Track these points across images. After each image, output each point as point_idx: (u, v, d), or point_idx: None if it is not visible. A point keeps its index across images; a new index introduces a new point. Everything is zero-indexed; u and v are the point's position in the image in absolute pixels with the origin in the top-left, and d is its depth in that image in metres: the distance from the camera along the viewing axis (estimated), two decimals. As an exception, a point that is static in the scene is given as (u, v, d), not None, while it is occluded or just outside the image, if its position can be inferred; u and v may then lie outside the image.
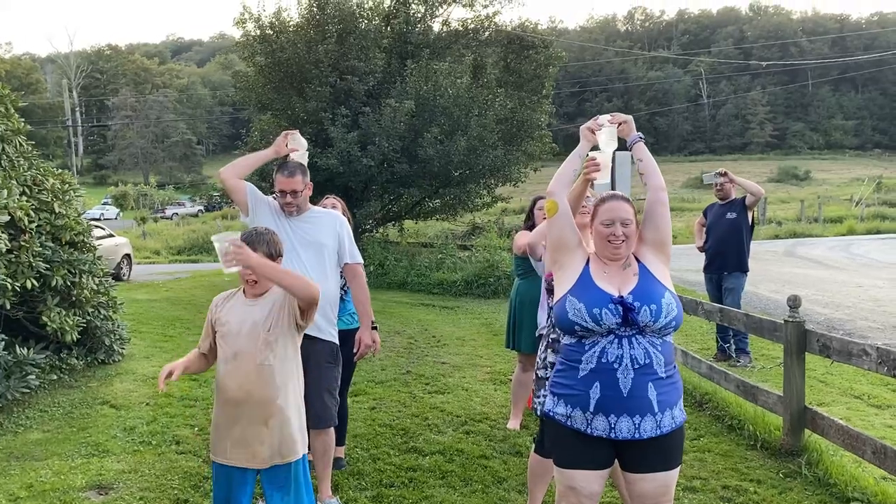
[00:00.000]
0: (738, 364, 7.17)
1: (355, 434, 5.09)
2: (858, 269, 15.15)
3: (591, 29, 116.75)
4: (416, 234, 22.00)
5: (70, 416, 5.56)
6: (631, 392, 2.53)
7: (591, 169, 3.12)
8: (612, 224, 2.66)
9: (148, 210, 51.44)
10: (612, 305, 2.56)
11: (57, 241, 6.46)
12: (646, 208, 2.79)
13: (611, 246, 2.65)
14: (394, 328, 9.75)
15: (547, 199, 2.85)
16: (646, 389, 2.53)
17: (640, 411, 2.52)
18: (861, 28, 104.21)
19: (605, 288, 2.62)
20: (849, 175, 70.60)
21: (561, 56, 19.33)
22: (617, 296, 2.58)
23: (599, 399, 2.54)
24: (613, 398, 2.53)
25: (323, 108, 15.05)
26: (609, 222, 2.67)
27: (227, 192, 3.98)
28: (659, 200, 2.76)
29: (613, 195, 2.76)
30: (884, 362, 3.86)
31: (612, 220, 2.67)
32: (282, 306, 2.99)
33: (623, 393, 2.53)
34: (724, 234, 7.42)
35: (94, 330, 6.93)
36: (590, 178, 3.17)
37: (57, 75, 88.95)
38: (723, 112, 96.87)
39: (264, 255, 2.93)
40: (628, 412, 2.53)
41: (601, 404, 2.55)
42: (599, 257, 2.73)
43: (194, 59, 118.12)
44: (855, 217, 29.88)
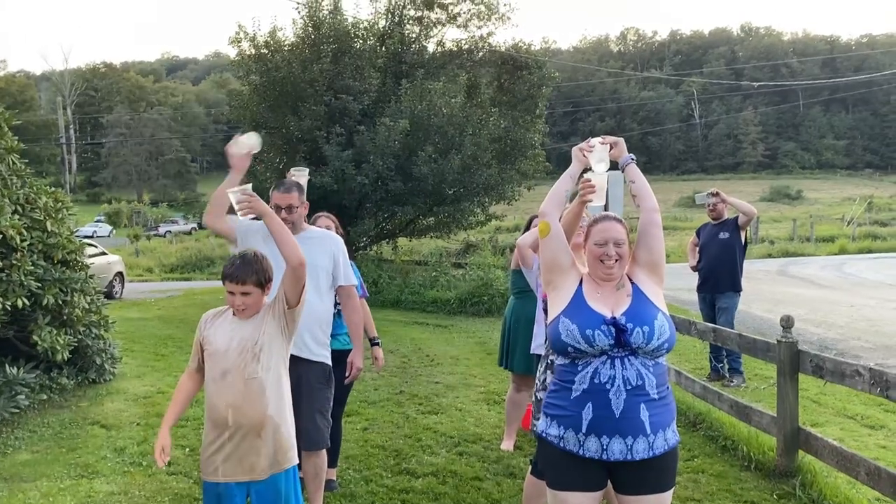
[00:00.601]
0: (732, 384, 7.16)
1: (347, 455, 5.05)
2: (851, 289, 15.20)
3: (583, 49, 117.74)
4: (411, 251, 22.02)
5: (59, 436, 5.50)
6: (623, 413, 2.51)
7: (587, 192, 3.06)
8: (604, 244, 2.66)
9: (141, 228, 51.32)
10: (605, 327, 2.55)
11: (49, 260, 6.43)
12: (639, 229, 2.80)
13: (604, 266, 2.65)
14: (387, 347, 9.69)
15: (539, 220, 2.84)
16: (638, 410, 2.52)
17: (633, 432, 2.51)
18: (851, 49, 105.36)
19: (598, 309, 2.61)
20: (840, 194, 71.05)
21: (554, 76, 19.47)
22: (610, 317, 2.57)
23: (592, 420, 2.53)
24: (605, 419, 2.52)
25: (318, 127, 15.10)
26: (602, 242, 2.67)
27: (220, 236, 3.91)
28: (652, 222, 2.77)
29: (606, 216, 2.76)
30: (877, 383, 3.86)
31: (604, 240, 2.67)
32: (265, 315, 2.98)
33: (615, 414, 2.51)
34: (718, 253, 7.44)
35: (85, 349, 6.88)
36: (585, 200, 3.10)
37: (51, 93, 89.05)
38: (715, 132, 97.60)
39: (253, 283, 2.90)
40: (620, 433, 2.51)
41: (593, 425, 2.53)
42: (593, 278, 2.73)
43: (189, 78, 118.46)
44: (847, 236, 30.03)
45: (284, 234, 3.01)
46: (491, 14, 18.17)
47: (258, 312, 3.00)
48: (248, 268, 2.91)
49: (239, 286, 2.90)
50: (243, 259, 2.94)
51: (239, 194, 3.12)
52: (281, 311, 2.99)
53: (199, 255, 29.17)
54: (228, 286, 2.93)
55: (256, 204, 3.08)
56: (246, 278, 2.89)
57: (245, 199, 3.09)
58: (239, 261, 2.93)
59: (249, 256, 2.96)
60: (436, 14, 18.25)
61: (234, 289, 2.91)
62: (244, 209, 3.11)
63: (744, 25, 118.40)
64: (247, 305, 2.94)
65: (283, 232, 3.02)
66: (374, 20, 17.72)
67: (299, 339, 3.65)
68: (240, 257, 2.96)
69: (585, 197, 3.07)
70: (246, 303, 2.93)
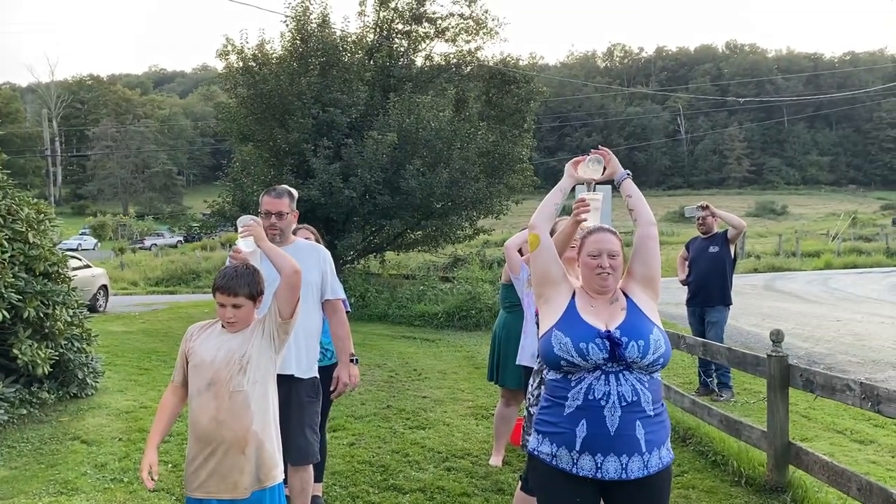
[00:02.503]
0: (721, 398, 7.14)
1: (334, 471, 4.97)
2: (837, 304, 15.28)
3: (571, 65, 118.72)
4: (398, 265, 21.96)
5: (39, 452, 5.39)
6: (618, 430, 2.46)
7: (581, 210, 2.95)
8: (598, 255, 2.62)
9: (126, 241, 51.02)
10: (599, 340, 2.49)
11: (30, 272, 6.33)
12: (635, 243, 2.76)
13: (598, 278, 2.60)
14: (374, 361, 9.63)
15: (529, 233, 2.80)
16: (633, 428, 2.47)
17: (628, 450, 2.46)
18: (834, 67, 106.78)
19: (591, 322, 2.56)
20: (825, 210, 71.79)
21: (542, 91, 19.56)
22: (604, 330, 2.52)
23: (586, 437, 2.47)
24: (600, 436, 2.46)
25: (305, 140, 15.06)
26: (596, 253, 2.63)
27: None
28: (649, 235, 2.74)
29: (600, 227, 2.73)
30: (868, 398, 3.84)
31: (598, 251, 2.63)
32: (254, 329, 2.93)
33: (610, 431, 2.45)
34: (707, 267, 7.43)
35: (66, 363, 6.76)
36: (580, 220, 2.97)
37: (37, 105, 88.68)
38: (701, 147, 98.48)
39: (245, 296, 2.87)
40: (615, 451, 2.45)
41: (587, 443, 2.47)
42: (586, 291, 2.68)
43: (176, 91, 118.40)
44: (832, 251, 30.26)
45: (275, 250, 3.05)
46: (479, 29, 18.26)
47: (247, 326, 2.95)
48: (241, 280, 2.88)
49: (231, 298, 2.86)
50: (236, 271, 2.91)
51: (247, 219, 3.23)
52: (273, 325, 2.94)
53: (185, 268, 28.97)
54: (220, 298, 2.88)
55: (257, 230, 3.15)
56: (238, 290, 2.85)
57: (250, 224, 3.17)
58: (231, 273, 2.90)
59: (242, 269, 2.93)
60: (424, 28, 18.32)
61: (226, 301, 2.86)
62: (245, 234, 3.18)
63: (729, 42, 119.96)
64: (237, 318, 2.89)
65: (274, 249, 3.06)
66: (362, 34, 17.77)
67: (288, 354, 3.59)
68: (232, 269, 2.93)
69: (580, 216, 2.97)
70: (237, 315, 2.88)
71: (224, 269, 2.96)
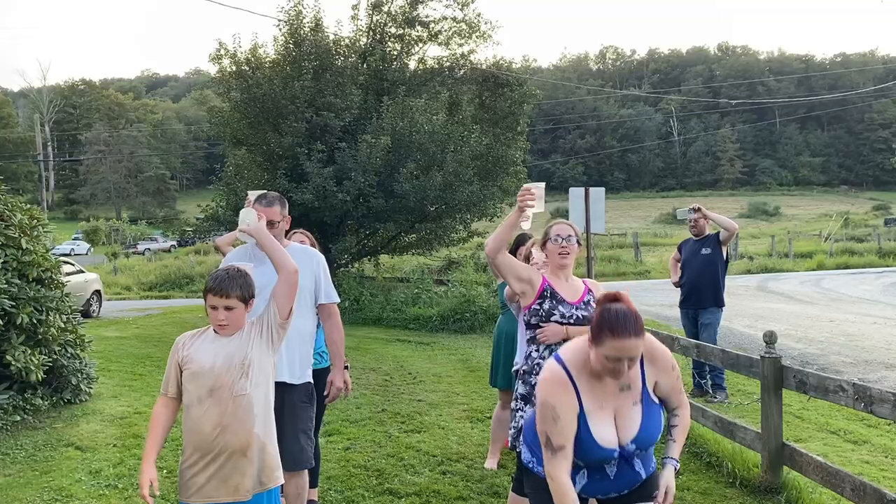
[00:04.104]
0: (715, 400, 7.16)
1: (329, 476, 4.96)
2: (829, 304, 15.34)
3: (563, 68, 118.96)
4: (392, 268, 21.93)
5: (33, 458, 5.37)
6: (618, 474, 2.49)
7: (527, 198, 3.35)
8: (618, 360, 2.33)
9: (119, 245, 50.86)
10: (613, 459, 2.45)
11: (23, 278, 6.31)
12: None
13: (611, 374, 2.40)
14: (369, 365, 9.63)
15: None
16: (633, 466, 2.50)
17: (629, 485, 2.51)
18: (825, 68, 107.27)
19: (605, 442, 2.41)
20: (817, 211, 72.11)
21: (535, 94, 19.60)
22: (618, 450, 2.43)
23: (586, 484, 2.50)
24: (600, 482, 2.49)
25: (298, 144, 15.05)
26: (615, 358, 2.33)
27: None
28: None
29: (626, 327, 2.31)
30: (861, 398, 3.86)
31: (619, 357, 2.33)
32: (250, 331, 2.91)
33: (610, 477, 2.48)
34: (700, 269, 7.45)
35: (60, 369, 6.74)
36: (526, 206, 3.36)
37: (29, 110, 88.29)
38: (693, 149, 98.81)
39: (238, 298, 2.84)
40: (617, 489, 2.51)
41: (588, 488, 2.50)
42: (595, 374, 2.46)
43: (169, 95, 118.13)
44: (824, 252, 30.41)
45: (275, 245, 3.06)
46: (472, 32, 18.29)
47: (241, 329, 2.92)
48: (233, 282, 2.84)
49: (223, 300, 2.82)
50: (227, 273, 2.87)
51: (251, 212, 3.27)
52: (269, 325, 2.93)
53: (179, 272, 28.90)
54: (211, 300, 2.84)
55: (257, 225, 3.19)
56: (230, 291, 2.82)
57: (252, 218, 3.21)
58: (223, 274, 2.87)
59: (234, 271, 2.89)
60: (417, 32, 18.34)
61: (218, 302, 2.83)
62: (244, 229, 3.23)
63: (721, 44, 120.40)
64: (230, 321, 2.85)
65: (274, 244, 3.07)
66: (355, 37, 17.77)
67: (281, 359, 3.59)
68: (224, 271, 2.89)
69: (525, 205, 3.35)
70: (229, 318, 2.85)
71: (215, 271, 2.93)
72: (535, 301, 3.49)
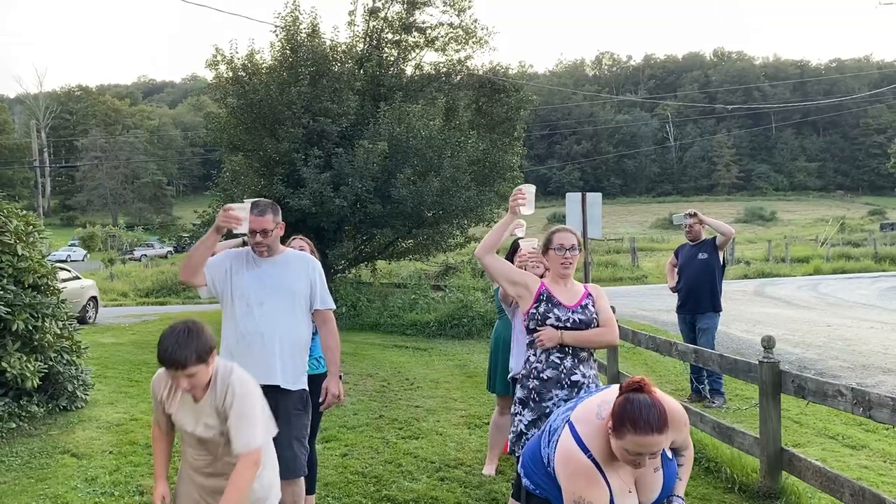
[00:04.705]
0: (713, 405, 7.15)
1: (326, 482, 4.94)
2: (826, 309, 15.35)
3: (559, 73, 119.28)
4: (389, 274, 21.94)
5: (28, 466, 5.34)
6: None
7: (519, 198, 3.55)
8: (638, 455, 2.25)
9: (116, 251, 50.75)
10: None
11: (19, 285, 6.29)
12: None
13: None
14: (366, 371, 9.60)
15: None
16: None
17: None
18: (821, 73, 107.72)
19: None
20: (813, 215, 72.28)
21: (531, 99, 19.62)
22: None
23: None
24: None
25: (295, 149, 15.04)
26: (636, 453, 2.24)
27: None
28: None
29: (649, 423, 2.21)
30: (859, 403, 3.85)
31: (639, 452, 2.24)
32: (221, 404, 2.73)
33: None
34: (697, 274, 7.45)
35: (56, 375, 6.72)
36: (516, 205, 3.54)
37: (25, 116, 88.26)
38: (689, 154, 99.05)
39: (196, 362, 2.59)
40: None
41: None
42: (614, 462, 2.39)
43: (166, 101, 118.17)
44: (821, 257, 30.46)
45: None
46: (468, 38, 18.31)
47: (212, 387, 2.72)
48: (187, 348, 2.57)
49: (181, 371, 2.59)
50: (177, 339, 2.58)
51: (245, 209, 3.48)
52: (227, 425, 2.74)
53: (175, 279, 28.78)
54: (169, 372, 2.63)
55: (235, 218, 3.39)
56: (187, 361, 2.57)
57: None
58: (172, 342, 2.58)
59: (180, 331, 2.61)
60: (413, 38, 18.36)
61: (177, 374, 2.61)
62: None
63: (716, 50, 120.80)
64: (194, 386, 2.66)
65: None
66: (352, 43, 17.78)
67: (278, 370, 3.58)
68: (172, 337, 2.59)
69: (516, 206, 3.54)
70: (193, 383, 2.65)
71: (162, 336, 2.63)
72: (532, 305, 3.50)
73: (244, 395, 2.73)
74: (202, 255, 3.61)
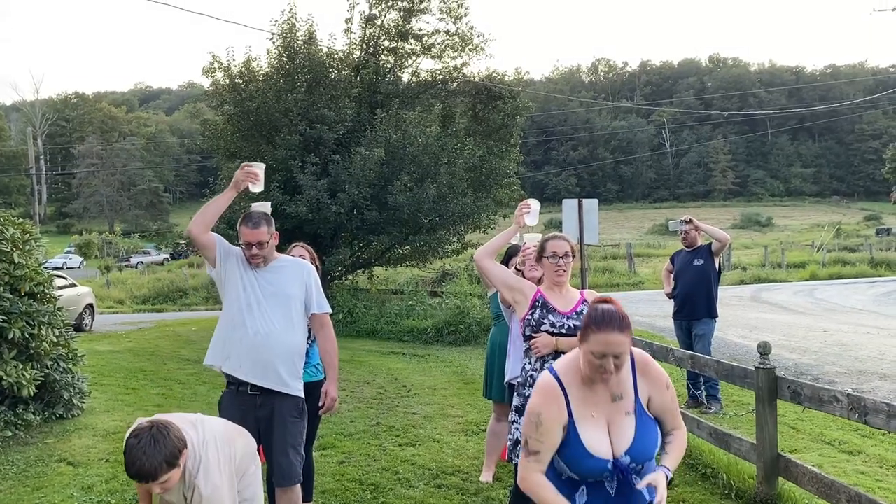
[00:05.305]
0: (710, 411, 7.16)
1: (323, 490, 4.93)
2: (823, 314, 15.38)
3: (556, 80, 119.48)
4: (386, 281, 21.91)
5: (24, 474, 5.32)
6: (619, 490, 2.43)
7: (524, 209, 3.85)
8: (603, 357, 2.33)
9: (112, 259, 50.67)
10: (608, 473, 2.40)
11: (15, 292, 6.28)
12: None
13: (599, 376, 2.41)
14: (363, 378, 9.60)
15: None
16: (635, 488, 2.42)
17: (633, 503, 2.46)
18: (816, 80, 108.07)
19: (597, 451, 2.38)
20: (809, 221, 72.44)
21: (528, 106, 19.66)
22: (611, 461, 2.39)
23: (587, 502, 2.44)
24: (601, 498, 2.43)
25: (292, 156, 15.05)
26: (600, 354, 2.34)
27: (198, 248, 3.85)
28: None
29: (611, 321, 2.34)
30: (855, 409, 3.87)
31: (603, 353, 2.33)
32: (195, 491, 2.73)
33: (611, 494, 2.43)
34: (693, 280, 7.47)
35: (52, 384, 6.70)
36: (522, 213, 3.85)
37: (22, 123, 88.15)
38: (686, 160, 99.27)
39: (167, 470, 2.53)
40: None
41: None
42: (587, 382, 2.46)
43: (162, 108, 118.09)
44: (817, 262, 30.51)
45: None
46: (465, 45, 18.35)
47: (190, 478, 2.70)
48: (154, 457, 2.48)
49: (153, 483, 2.53)
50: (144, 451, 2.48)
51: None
52: None
53: (172, 286, 28.78)
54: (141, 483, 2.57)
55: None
56: (157, 472, 2.49)
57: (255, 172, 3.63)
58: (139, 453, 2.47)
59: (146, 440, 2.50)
60: (410, 45, 18.39)
61: (149, 486, 2.56)
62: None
63: (712, 56, 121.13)
64: (167, 489, 2.61)
65: None
66: (348, 50, 17.81)
67: (273, 371, 3.58)
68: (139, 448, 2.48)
69: (522, 217, 3.84)
70: (165, 487, 2.60)
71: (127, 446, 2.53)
72: (528, 312, 3.51)
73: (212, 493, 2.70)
74: (216, 210, 3.71)
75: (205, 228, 3.68)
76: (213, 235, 3.71)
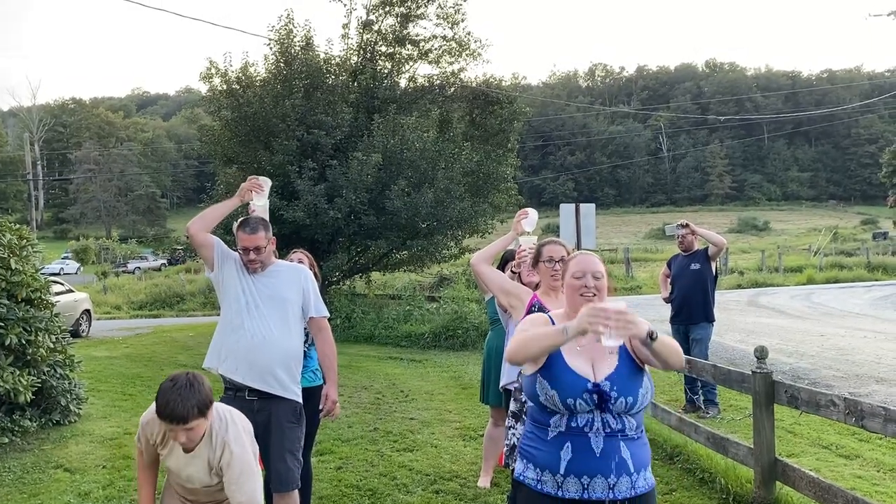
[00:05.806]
0: (707, 415, 7.16)
1: (321, 496, 4.93)
2: (820, 318, 15.39)
3: (553, 85, 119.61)
4: (384, 286, 21.91)
5: (21, 481, 5.31)
6: (604, 451, 2.43)
7: (521, 216, 3.97)
8: (582, 276, 2.60)
9: (109, 264, 50.61)
10: (587, 395, 2.43)
11: (12, 298, 6.27)
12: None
13: (583, 299, 2.56)
14: (361, 383, 9.59)
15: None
16: (619, 449, 2.44)
17: (616, 471, 2.44)
18: (812, 84, 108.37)
19: (578, 370, 2.47)
20: (806, 225, 72.57)
21: (525, 111, 19.69)
22: (592, 384, 2.45)
23: (571, 460, 2.44)
24: (586, 458, 2.43)
25: (290, 162, 15.06)
26: (580, 275, 2.61)
27: (195, 247, 3.86)
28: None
29: (582, 252, 2.73)
30: (851, 413, 3.87)
31: (582, 272, 2.61)
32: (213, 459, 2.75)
33: (595, 453, 2.43)
34: (689, 284, 7.48)
35: (49, 390, 6.69)
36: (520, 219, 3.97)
37: (19, 129, 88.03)
38: (683, 165, 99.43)
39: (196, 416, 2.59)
40: (602, 472, 2.42)
41: (573, 466, 2.44)
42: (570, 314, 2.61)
43: (160, 113, 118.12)
44: (814, 266, 30.53)
45: None
46: (462, 50, 18.39)
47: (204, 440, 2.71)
48: (188, 401, 2.55)
49: (182, 425, 2.58)
50: (179, 392, 2.56)
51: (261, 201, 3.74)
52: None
53: (169, 291, 28.76)
54: (169, 426, 2.60)
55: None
56: (188, 415, 2.55)
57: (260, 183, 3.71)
58: (175, 396, 2.56)
59: (183, 383, 2.58)
60: (407, 50, 18.43)
61: (177, 428, 2.59)
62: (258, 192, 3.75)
63: (709, 61, 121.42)
64: (192, 439, 2.65)
65: None
66: (346, 56, 17.84)
67: (270, 374, 3.58)
68: (174, 390, 2.57)
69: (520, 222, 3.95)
70: (191, 436, 2.64)
71: (163, 389, 2.61)
72: (524, 317, 3.51)
73: (242, 453, 2.72)
74: (217, 216, 3.82)
75: (204, 229, 3.76)
76: (211, 236, 3.76)
